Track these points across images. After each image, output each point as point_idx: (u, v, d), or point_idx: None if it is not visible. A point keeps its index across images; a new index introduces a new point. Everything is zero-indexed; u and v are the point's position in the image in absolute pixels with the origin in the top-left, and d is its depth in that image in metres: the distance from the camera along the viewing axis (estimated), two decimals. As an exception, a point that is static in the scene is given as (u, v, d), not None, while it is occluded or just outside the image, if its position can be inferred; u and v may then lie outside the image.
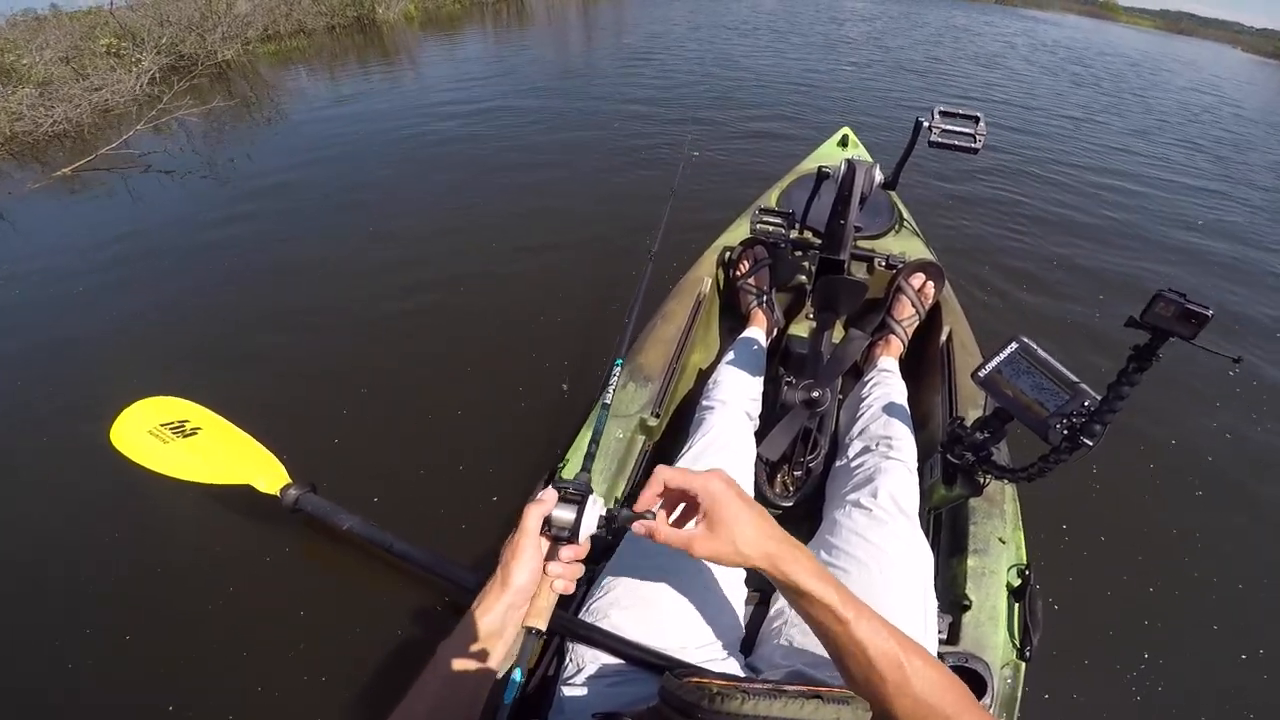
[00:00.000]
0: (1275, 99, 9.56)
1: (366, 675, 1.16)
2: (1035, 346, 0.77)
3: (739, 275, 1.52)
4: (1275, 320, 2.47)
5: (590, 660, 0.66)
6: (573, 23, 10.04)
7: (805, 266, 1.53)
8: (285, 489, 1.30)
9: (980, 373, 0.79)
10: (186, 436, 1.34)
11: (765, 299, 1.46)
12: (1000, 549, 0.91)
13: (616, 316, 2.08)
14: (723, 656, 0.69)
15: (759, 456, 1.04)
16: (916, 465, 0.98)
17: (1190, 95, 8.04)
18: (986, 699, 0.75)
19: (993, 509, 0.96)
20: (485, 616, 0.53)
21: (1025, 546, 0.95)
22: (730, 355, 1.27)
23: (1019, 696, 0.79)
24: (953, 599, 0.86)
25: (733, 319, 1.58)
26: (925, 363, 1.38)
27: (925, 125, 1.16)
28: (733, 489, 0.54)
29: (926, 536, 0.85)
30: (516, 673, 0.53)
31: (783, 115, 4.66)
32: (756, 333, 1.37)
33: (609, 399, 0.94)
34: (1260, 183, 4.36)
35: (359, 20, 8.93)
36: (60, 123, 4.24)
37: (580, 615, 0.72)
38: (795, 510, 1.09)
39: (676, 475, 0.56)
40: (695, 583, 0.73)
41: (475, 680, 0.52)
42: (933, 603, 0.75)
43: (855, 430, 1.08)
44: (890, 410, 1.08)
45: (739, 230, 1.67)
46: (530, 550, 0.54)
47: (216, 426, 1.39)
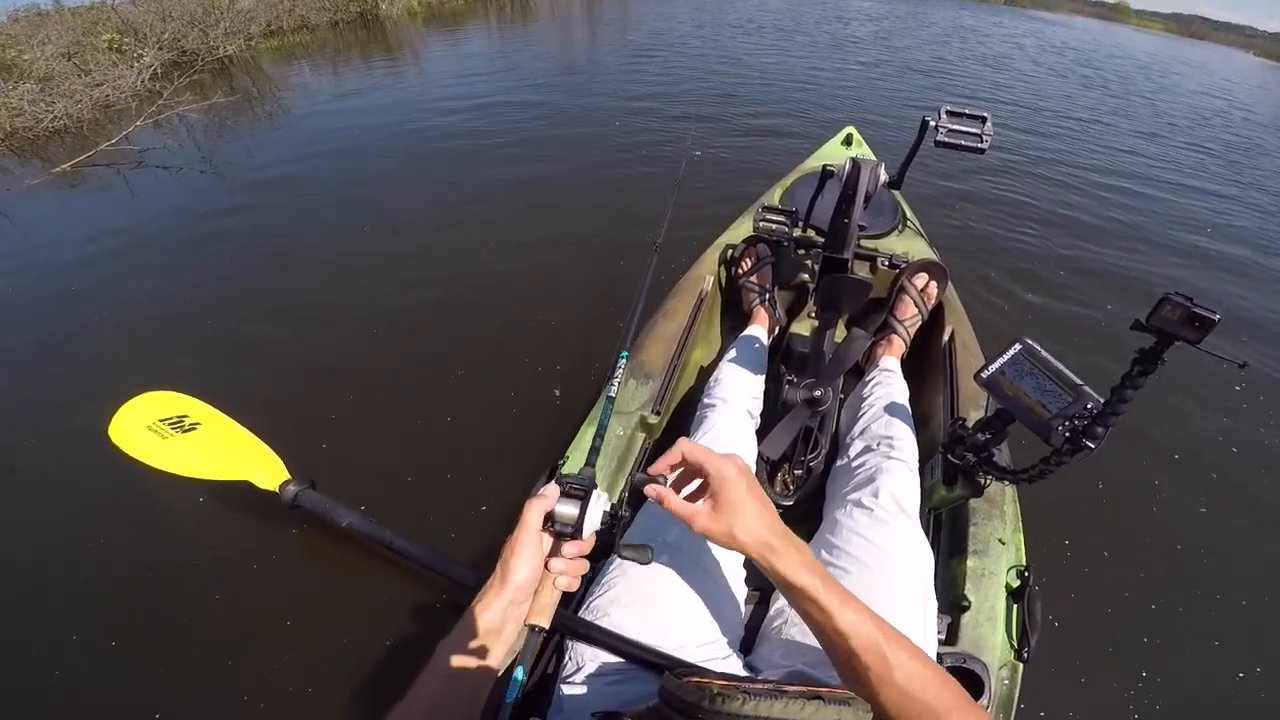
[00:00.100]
0: (1288, 104, 9.51)
1: (365, 673, 1.16)
2: (1039, 348, 0.76)
3: (741, 273, 1.52)
4: (1283, 324, 2.45)
5: (590, 658, 0.66)
6: (577, 19, 10.00)
7: (808, 265, 1.53)
8: (284, 485, 1.29)
9: (983, 373, 0.79)
10: (185, 432, 1.32)
11: (767, 297, 1.45)
12: (1000, 550, 0.91)
13: (618, 312, 2.07)
14: (723, 655, 0.69)
15: (760, 455, 1.04)
16: (917, 465, 0.98)
17: (1201, 99, 7.98)
18: (984, 699, 0.75)
19: (993, 510, 0.96)
20: (485, 614, 0.52)
21: (1025, 548, 0.94)
22: (732, 353, 1.27)
23: (1016, 697, 0.79)
24: (952, 599, 0.86)
25: (734, 317, 1.58)
26: (927, 363, 1.38)
27: (931, 125, 1.15)
28: (744, 476, 0.55)
29: (926, 537, 0.85)
30: (519, 671, 0.53)
31: (787, 113, 4.64)
32: (758, 331, 1.37)
33: (613, 391, 0.94)
34: (1272, 187, 4.32)
35: (362, 15, 8.92)
36: (61, 118, 4.23)
37: (580, 613, 0.72)
38: (796, 509, 1.09)
39: (697, 450, 0.57)
40: (696, 581, 0.73)
41: (475, 678, 0.52)
42: (933, 603, 0.75)
43: (856, 430, 1.08)
44: (892, 410, 1.07)
45: (741, 228, 1.67)
46: (530, 547, 0.54)
47: (215, 421, 1.38)
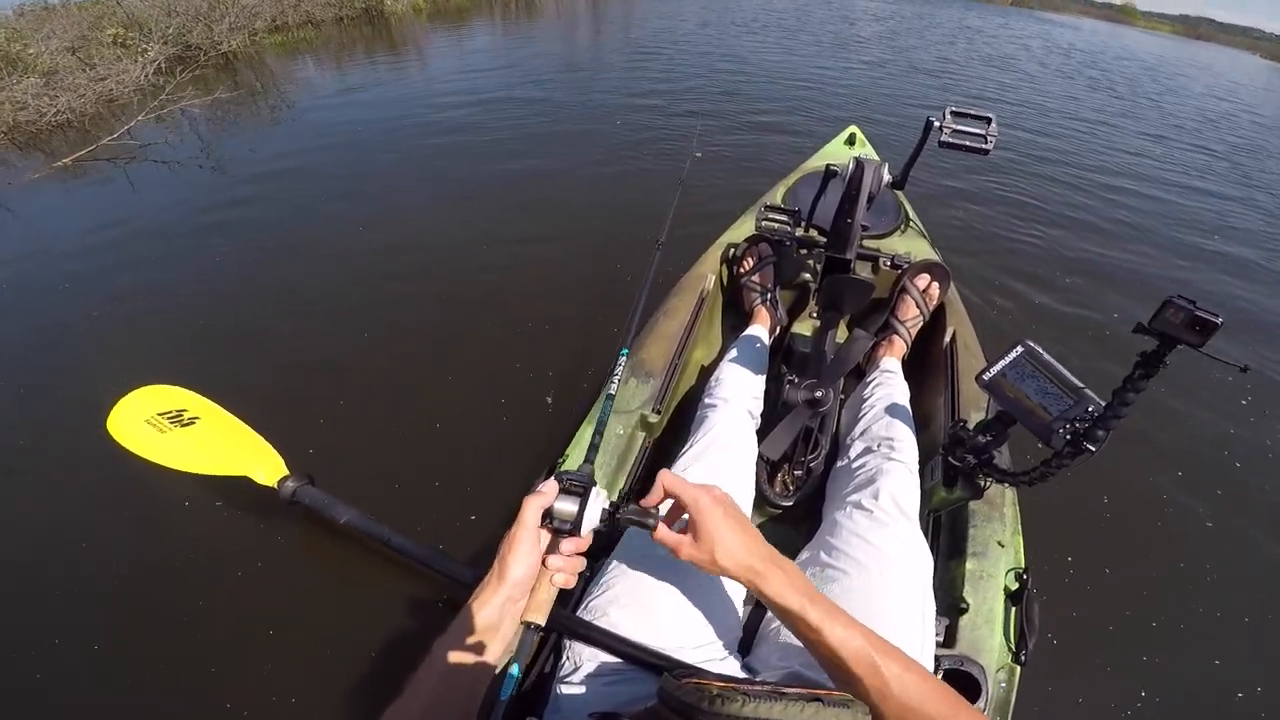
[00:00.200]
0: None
1: (362, 670, 1.16)
2: (1041, 350, 0.76)
3: (743, 272, 1.51)
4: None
5: (588, 658, 0.66)
6: (581, 16, 9.98)
7: (810, 264, 1.53)
8: (283, 481, 1.28)
9: (985, 376, 0.79)
10: (184, 426, 1.32)
11: (769, 296, 1.45)
12: (999, 553, 0.91)
13: (619, 310, 2.06)
14: (721, 657, 0.69)
15: (760, 455, 1.04)
16: (918, 467, 0.97)
17: (1207, 101, 7.95)
18: (981, 702, 0.75)
19: (993, 512, 0.96)
20: (482, 610, 0.52)
21: (1024, 551, 0.94)
22: (733, 353, 1.26)
23: (1013, 700, 0.79)
24: (950, 601, 0.86)
25: (735, 316, 1.57)
26: (928, 364, 1.38)
27: (936, 125, 1.15)
28: (720, 506, 0.57)
29: (926, 538, 0.85)
30: (514, 668, 0.53)
31: (791, 112, 4.63)
32: (759, 330, 1.37)
33: (613, 389, 0.94)
34: (1279, 189, 4.30)
35: (367, 11, 8.90)
36: (64, 112, 4.22)
37: (578, 612, 0.72)
38: (795, 510, 1.09)
39: (675, 482, 0.58)
40: (695, 582, 0.72)
41: (472, 675, 0.52)
42: (931, 606, 0.74)
43: (857, 430, 1.08)
44: (892, 411, 1.07)
45: (743, 227, 1.66)
46: (528, 543, 0.54)
47: (214, 416, 1.37)
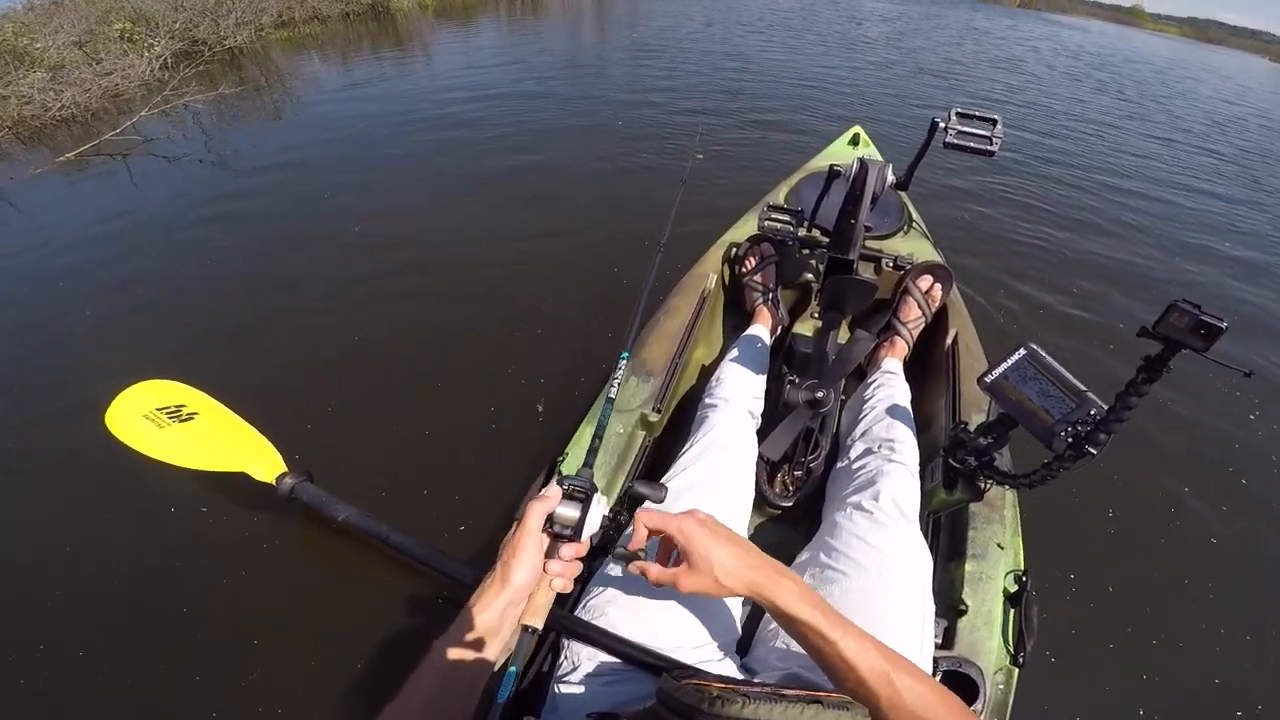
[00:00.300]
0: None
1: (361, 667, 1.16)
2: (1043, 353, 0.76)
3: (744, 272, 1.51)
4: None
5: (586, 658, 0.66)
6: (586, 14, 9.97)
7: (812, 265, 1.52)
8: (281, 478, 1.28)
9: (987, 378, 0.79)
10: (183, 421, 1.31)
11: (770, 296, 1.45)
12: (999, 554, 0.90)
13: (619, 308, 2.07)
14: (719, 657, 0.69)
15: (760, 455, 1.04)
16: (918, 468, 0.97)
17: (1216, 105, 7.89)
18: (978, 704, 0.74)
19: (993, 514, 0.95)
20: (483, 614, 0.53)
21: (1024, 553, 0.94)
22: (734, 352, 1.26)
23: (1011, 702, 0.78)
24: (949, 603, 0.86)
25: (737, 316, 1.57)
26: (930, 366, 1.37)
27: (941, 126, 1.14)
28: (706, 527, 0.56)
29: (925, 540, 0.85)
30: (511, 669, 0.53)
31: (795, 111, 4.62)
32: (761, 330, 1.37)
33: (614, 393, 0.94)
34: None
35: (374, 8, 8.88)
36: (69, 107, 4.20)
37: (577, 612, 0.72)
38: (795, 511, 1.09)
39: (654, 517, 0.58)
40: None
41: (471, 676, 0.52)
42: (930, 607, 0.74)
43: (857, 432, 1.07)
44: (893, 412, 1.07)
45: (746, 226, 1.66)
46: (531, 548, 0.54)
47: (213, 411, 1.37)
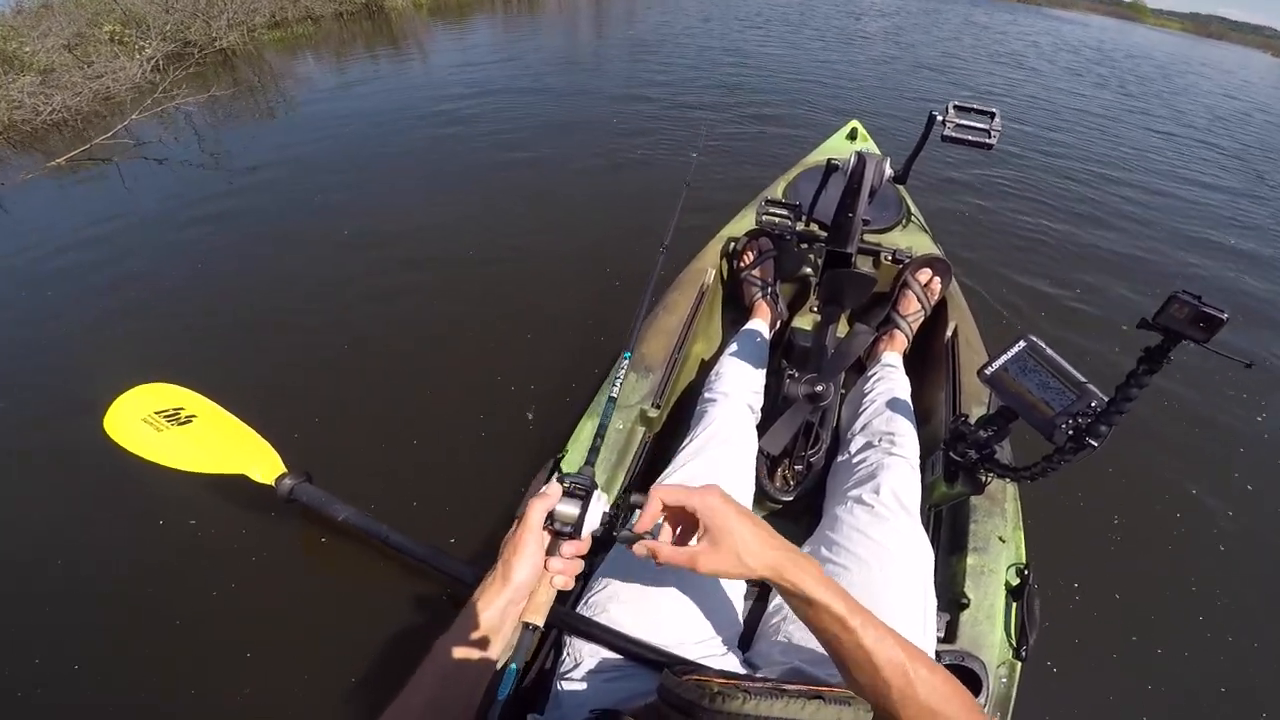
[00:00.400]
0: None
1: (361, 666, 1.16)
2: (1043, 345, 0.76)
3: (743, 266, 1.50)
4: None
5: (588, 655, 0.66)
6: (583, 11, 9.93)
7: (810, 259, 1.52)
8: (280, 479, 1.28)
9: (987, 370, 0.78)
10: (181, 424, 1.31)
11: (769, 291, 1.44)
12: (1000, 548, 0.90)
13: (618, 306, 2.07)
14: (721, 653, 0.69)
15: (760, 450, 1.04)
16: (919, 462, 0.97)
17: (1218, 99, 7.88)
18: (981, 698, 0.75)
19: (994, 507, 0.95)
20: (484, 612, 0.52)
21: (1025, 546, 0.94)
22: (733, 347, 1.26)
23: (1013, 695, 0.78)
24: (951, 597, 0.86)
25: (736, 310, 1.57)
26: (929, 359, 1.37)
27: (939, 119, 1.13)
28: (730, 503, 0.53)
29: (926, 533, 0.84)
30: (513, 667, 0.53)
31: (793, 106, 4.61)
32: (760, 325, 1.36)
33: (615, 392, 0.93)
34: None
35: (367, 7, 8.85)
36: (60, 111, 4.17)
37: (578, 608, 0.72)
38: (795, 505, 1.09)
39: (674, 493, 0.54)
40: (694, 578, 0.72)
41: (472, 674, 0.52)
42: (932, 601, 0.74)
43: (858, 425, 1.07)
44: (893, 406, 1.07)
45: (744, 221, 1.66)
46: (532, 546, 0.54)
47: (211, 414, 1.36)
